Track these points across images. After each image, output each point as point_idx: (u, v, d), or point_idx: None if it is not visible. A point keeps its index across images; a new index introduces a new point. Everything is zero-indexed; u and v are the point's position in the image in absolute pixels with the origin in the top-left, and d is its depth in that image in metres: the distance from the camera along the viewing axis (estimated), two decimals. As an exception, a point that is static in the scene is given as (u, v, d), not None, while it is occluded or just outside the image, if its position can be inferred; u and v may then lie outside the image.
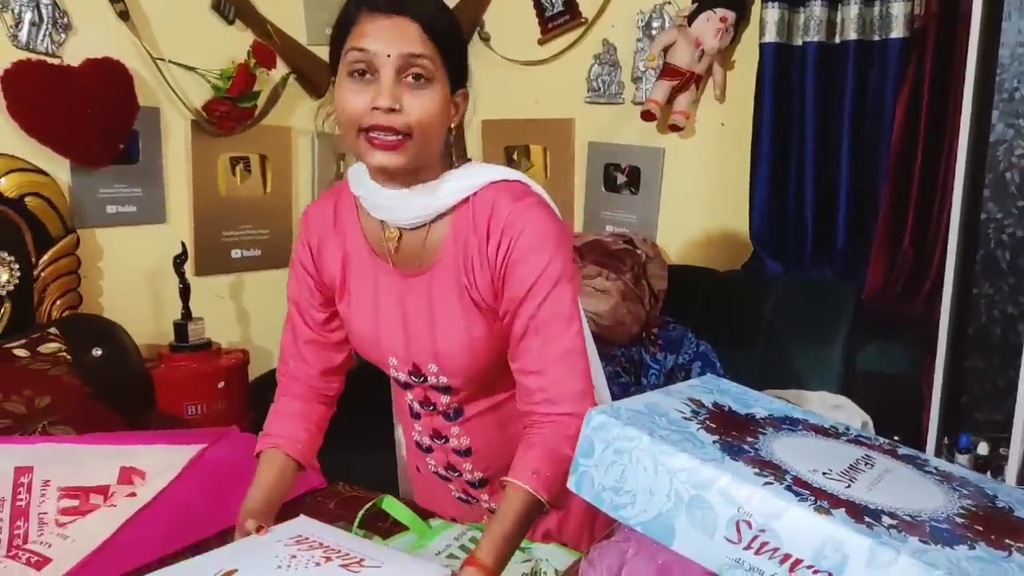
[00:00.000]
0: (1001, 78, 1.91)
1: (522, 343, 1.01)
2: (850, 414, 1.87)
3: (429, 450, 1.20)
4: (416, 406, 1.16)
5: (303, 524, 1.00)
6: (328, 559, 0.88)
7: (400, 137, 0.95)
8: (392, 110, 0.94)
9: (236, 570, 0.87)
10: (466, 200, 1.02)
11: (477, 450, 1.15)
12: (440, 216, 1.03)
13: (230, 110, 2.27)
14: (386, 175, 1.00)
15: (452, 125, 1.02)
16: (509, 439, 1.10)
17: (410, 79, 0.95)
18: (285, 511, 1.09)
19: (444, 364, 1.06)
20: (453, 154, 1.04)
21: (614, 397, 2.11)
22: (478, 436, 1.14)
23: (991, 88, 1.91)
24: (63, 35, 1.98)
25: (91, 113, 1.98)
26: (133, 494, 1.32)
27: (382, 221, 1.06)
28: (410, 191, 1.01)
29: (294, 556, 0.89)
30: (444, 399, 1.12)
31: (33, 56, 1.93)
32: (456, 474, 1.20)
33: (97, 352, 1.87)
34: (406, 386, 1.14)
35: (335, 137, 1.06)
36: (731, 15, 2.22)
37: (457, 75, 1.01)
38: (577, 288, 1.08)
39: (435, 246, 1.04)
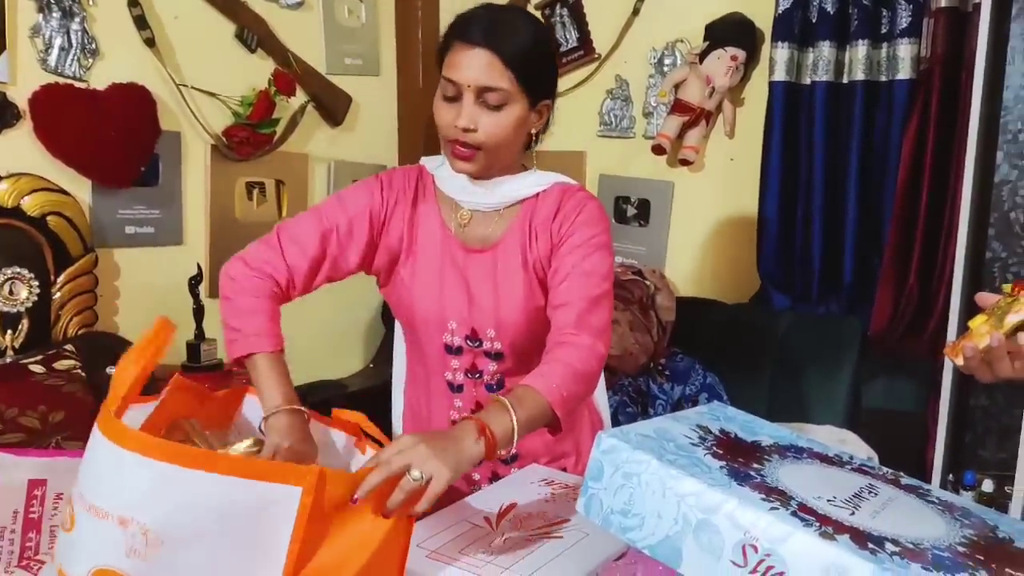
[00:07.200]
0: (1005, 120, 1.94)
1: (563, 284, 1.14)
2: (855, 449, 1.87)
3: None
4: (461, 376, 1.24)
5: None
6: None
7: (473, 150, 1.12)
8: (468, 129, 1.11)
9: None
10: (535, 194, 1.20)
11: None
12: (511, 205, 1.20)
13: (249, 136, 2.32)
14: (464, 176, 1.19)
15: (533, 131, 1.18)
16: None
17: (486, 103, 1.10)
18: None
19: (503, 330, 1.20)
20: (534, 154, 1.22)
21: (621, 426, 2.11)
22: None
23: (995, 130, 1.94)
24: (91, 60, 2.04)
25: (114, 136, 2.03)
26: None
27: (454, 201, 1.21)
28: (487, 183, 1.19)
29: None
30: (492, 367, 1.23)
31: (61, 80, 1.98)
32: None
33: (111, 370, 1.89)
34: (458, 351, 1.23)
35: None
36: (741, 54, 2.27)
37: (539, 91, 1.15)
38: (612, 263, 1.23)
39: (501, 229, 1.20)
